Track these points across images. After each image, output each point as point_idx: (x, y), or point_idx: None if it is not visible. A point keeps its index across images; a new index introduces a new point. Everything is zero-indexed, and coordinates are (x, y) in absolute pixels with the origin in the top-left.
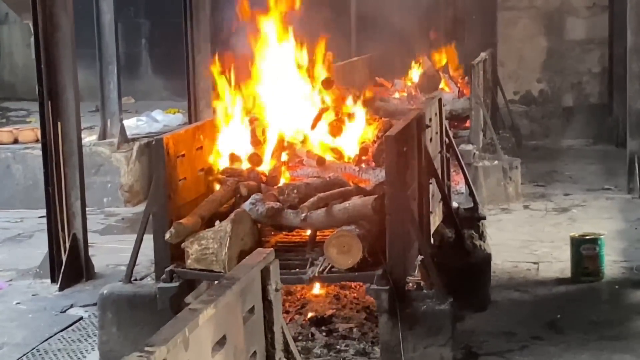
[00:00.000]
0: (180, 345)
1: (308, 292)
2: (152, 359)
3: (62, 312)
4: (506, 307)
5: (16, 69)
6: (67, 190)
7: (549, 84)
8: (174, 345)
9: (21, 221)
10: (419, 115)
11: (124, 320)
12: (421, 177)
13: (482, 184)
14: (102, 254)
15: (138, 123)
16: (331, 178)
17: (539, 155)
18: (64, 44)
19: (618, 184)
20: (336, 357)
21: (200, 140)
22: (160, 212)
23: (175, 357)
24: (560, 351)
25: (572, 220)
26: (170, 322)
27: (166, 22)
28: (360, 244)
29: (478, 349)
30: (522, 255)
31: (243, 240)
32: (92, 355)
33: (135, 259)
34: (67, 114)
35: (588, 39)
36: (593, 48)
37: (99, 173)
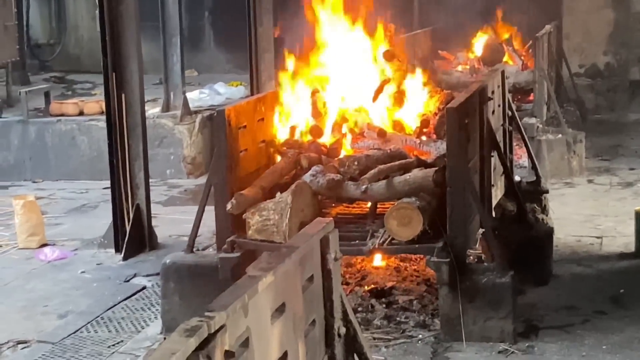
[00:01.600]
0: (240, 311)
1: (368, 264)
2: (212, 324)
3: (125, 281)
4: (568, 282)
5: (81, 42)
6: (131, 161)
7: (615, 56)
8: (233, 311)
9: (86, 192)
10: (481, 87)
11: (186, 289)
12: (483, 149)
13: (546, 158)
14: (164, 224)
15: (201, 96)
16: (392, 150)
17: (603, 129)
18: (128, 17)
19: None
20: (396, 328)
21: (262, 112)
22: (222, 183)
23: (235, 323)
24: (623, 325)
25: (637, 195)
26: (229, 289)
27: None
28: (420, 216)
29: (539, 322)
30: (586, 230)
31: (303, 212)
32: (155, 324)
33: (197, 229)
34: (131, 86)
35: None
36: None
37: (162, 145)
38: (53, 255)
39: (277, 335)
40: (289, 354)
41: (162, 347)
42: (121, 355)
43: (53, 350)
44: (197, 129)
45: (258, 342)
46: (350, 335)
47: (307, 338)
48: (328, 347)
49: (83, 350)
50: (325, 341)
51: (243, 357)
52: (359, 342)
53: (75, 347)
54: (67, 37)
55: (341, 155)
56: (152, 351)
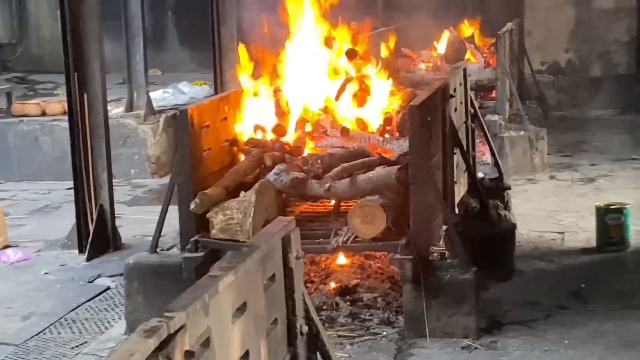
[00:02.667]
0: (200, 311)
1: (332, 262)
2: (172, 325)
3: (89, 282)
4: (531, 277)
5: (43, 42)
6: (94, 161)
7: (577, 53)
8: (193, 311)
9: (49, 193)
10: (443, 85)
11: (150, 289)
12: (445, 147)
13: (508, 155)
14: (128, 224)
15: (164, 95)
16: (355, 148)
17: (565, 125)
18: (90, 16)
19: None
20: (360, 326)
21: (225, 111)
22: (185, 183)
23: (195, 322)
24: (585, 320)
25: (598, 191)
26: (190, 289)
27: None
28: (384, 213)
29: (502, 318)
30: (548, 225)
31: (267, 211)
32: (119, 325)
33: (160, 229)
34: (93, 86)
35: (616, 7)
36: (621, 17)
37: (126, 145)
38: (16, 257)
39: (239, 335)
40: (251, 354)
41: (121, 348)
42: (85, 357)
43: (16, 353)
44: (161, 129)
45: (219, 341)
46: (312, 334)
47: (269, 337)
48: (290, 346)
49: (47, 352)
50: (288, 340)
51: (204, 357)
52: (322, 340)
53: (38, 349)
54: (29, 37)
55: (305, 154)
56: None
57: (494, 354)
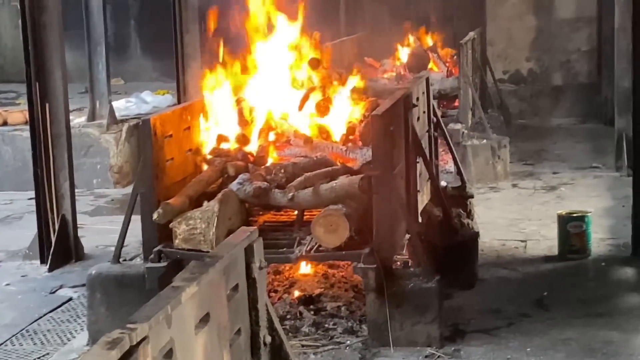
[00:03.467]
0: (163, 322)
1: (296, 271)
2: (134, 336)
3: (51, 292)
4: (493, 285)
5: (5, 51)
6: (56, 171)
7: (538, 62)
8: (156, 323)
9: (10, 203)
10: (405, 94)
11: (113, 300)
12: (408, 156)
13: (471, 163)
14: (91, 235)
15: (127, 104)
16: (318, 158)
17: (527, 134)
18: (52, 25)
19: (606, 162)
20: (324, 335)
21: (188, 121)
22: (148, 193)
23: (158, 334)
24: (546, 328)
25: (560, 199)
26: (152, 300)
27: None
28: (347, 223)
29: (465, 326)
30: (510, 234)
31: (230, 220)
32: (81, 336)
33: (123, 239)
34: (55, 95)
35: (577, 17)
36: (582, 27)
37: (88, 154)
38: None
39: (202, 346)
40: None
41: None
42: None
43: None
44: (123, 138)
45: (182, 353)
46: (276, 344)
47: (232, 348)
48: (254, 356)
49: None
50: (251, 350)
51: None
52: (285, 350)
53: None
54: None
55: (268, 163)
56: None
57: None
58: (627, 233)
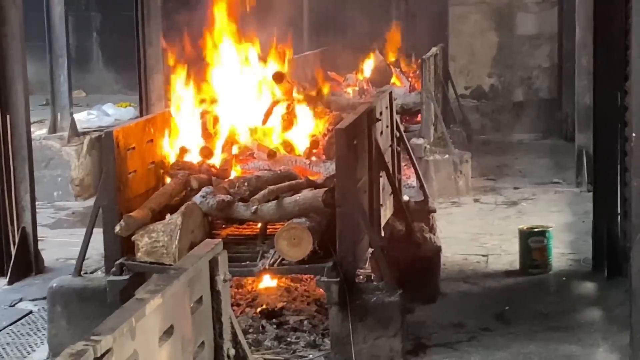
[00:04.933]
0: (127, 334)
1: (258, 284)
2: (98, 348)
3: (10, 305)
4: (455, 299)
5: None
6: (17, 183)
7: (500, 78)
8: (120, 335)
9: None
10: (369, 108)
11: (74, 313)
12: (371, 170)
13: (433, 178)
14: (52, 247)
15: (89, 117)
16: (282, 171)
17: (489, 149)
18: (13, 37)
19: (567, 178)
20: (287, 349)
21: (151, 133)
22: (110, 205)
23: (122, 346)
24: (508, 342)
25: (521, 214)
26: (116, 312)
27: (117, 14)
28: (310, 236)
29: (427, 340)
30: (472, 248)
31: (194, 233)
32: (42, 349)
33: (85, 252)
34: (16, 107)
35: (538, 34)
36: (543, 43)
37: (49, 167)
38: None
39: (166, 358)
40: None
41: None
42: None
43: None
44: (85, 151)
45: None
46: (239, 357)
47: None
48: None
49: None
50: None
51: None
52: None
53: None
54: None
55: (231, 176)
56: None
57: None
58: (587, 248)
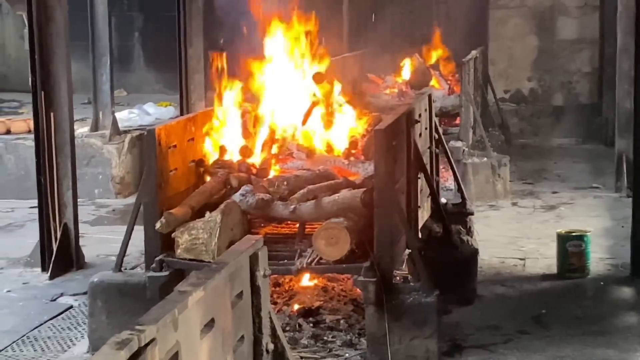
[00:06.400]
0: (170, 325)
1: (296, 283)
2: (142, 338)
3: (52, 300)
4: (492, 302)
5: (8, 61)
6: (59, 180)
7: (539, 82)
8: (163, 325)
9: (12, 211)
10: (408, 110)
11: (114, 308)
12: (410, 171)
13: (471, 181)
14: (92, 244)
15: (130, 115)
16: (321, 171)
17: (528, 153)
18: (58, 36)
19: (606, 183)
20: (323, 347)
21: (192, 132)
22: (151, 202)
23: (165, 337)
24: (544, 345)
25: (559, 218)
26: (160, 303)
27: (159, 15)
28: (348, 236)
29: (463, 341)
30: (509, 251)
31: (232, 231)
32: (82, 343)
33: (125, 248)
34: (60, 105)
35: (579, 38)
36: (583, 48)
37: (91, 164)
38: None
39: (206, 351)
40: None
41: None
42: None
43: None
44: (126, 149)
45: (187, 356)
46: (278, 352)
47: (235, 354)
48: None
49: None
50: (254, 357)
51: None
52: (287, 358)
53: None
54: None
55: (270, 176)
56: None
57: None
58: (625, 253)
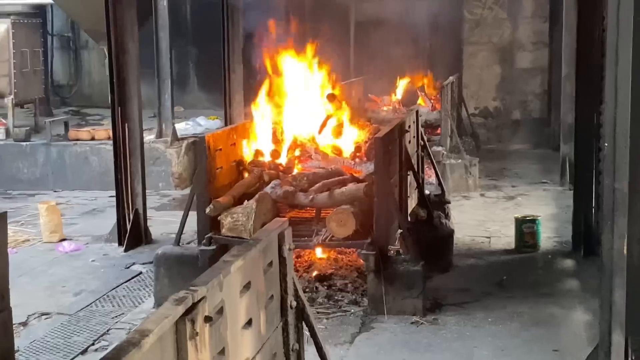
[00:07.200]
0: (217, 286)
1: (313, 255)
2: (195, 296)
3: (126, 268)
4: (464, 270)
5: (93, 84)
6: (132, 176)
7: (502, 101)
8: (212, 287)
9: (95, 199)
10: (400, 122)
11: (173, 274)
12: (401, 170)
13: (449, 177)
14: (157, 225)
15: (186, 126)
16: (333, 169)
17: (492, 156)
18: (131, 64)
19: (553, 179)
20: (334, 305)
21: (234, 139)
22: (202, 193)
23: (213, 295)
24: (505, 303)
25: (517, 206)
26: (208, 270)
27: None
28: (354, 219)
29: (442, 300)
30: (478, 231)
31: (265, 215)
32: (149, 301)
33: (182, 228)
34: (132, 118)
35: (532, 67)
36: (536, 74)
37: (156, 164)
38: (70, 248)
39: (244, 306)
40: (253, 321)
41: (157, 313)
42: (122, 324)
43: (69, 320)
44: (183, 152)
45: (229, 311)
46: (299, 308)
47: (267, 309)
48: (283, 316)
49: (92, 321)
50: (281, 312)
51: (218, 322)
52: (307, 313)
53: (86, 318)
54: (82, 79)
55: (294, 173)
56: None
57: (435, 328)
58: (568, 233)
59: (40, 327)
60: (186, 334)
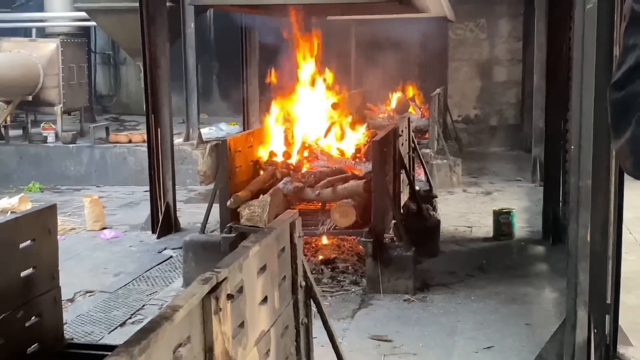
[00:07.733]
0: (237, 268)
1: (319, 242)
2: (219, 276)
3: (158, 252)
4: (450, 255)
5: (131, 94)
6: (163, 174)
7: (481, 110)
8: (233, 269)
9: (132, 194)
10: (394, 128)
11: (199, 258)
12: (395, 168)
13: (436, 175)
14: (185, 215)
15: (209, 131)
16: (336, 168)
17: (473, 157)
18: (163, 78)
19: (525, 177)
20: (337, 285)
21: (251, 142)
22: (224, 188)
23: (234, 276)
24: (485, 284)
25: (494, 200)
26: (230, 254)
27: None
28: (354, 211)
29: (430, 281)
30: (461, 222)
31: (278, 207)
32: (178, 281)
33: (207, 218)
34: (164, 124)
35: (508, 80)
36: (511, 87)
37: (184, 163)
38: (110, 235)
39: (261, 285)
40: (268, 298)
41: (186, 291)
42: (155, 301)
43: (110, 297)
44: (207, 153)
45: (248, 289)
46: (308, 287)
47: (280, 288)
48: (293, 294)
49: (130, 298)
50: (292, 290)
51: (238, 299)
52: (314, 291)
53: (125, 295)
54: (121, 90)
55: (303, 171)
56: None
57: (424, 305)
58: (538, 223)
59: (84, 303)
60: (211, 309)
